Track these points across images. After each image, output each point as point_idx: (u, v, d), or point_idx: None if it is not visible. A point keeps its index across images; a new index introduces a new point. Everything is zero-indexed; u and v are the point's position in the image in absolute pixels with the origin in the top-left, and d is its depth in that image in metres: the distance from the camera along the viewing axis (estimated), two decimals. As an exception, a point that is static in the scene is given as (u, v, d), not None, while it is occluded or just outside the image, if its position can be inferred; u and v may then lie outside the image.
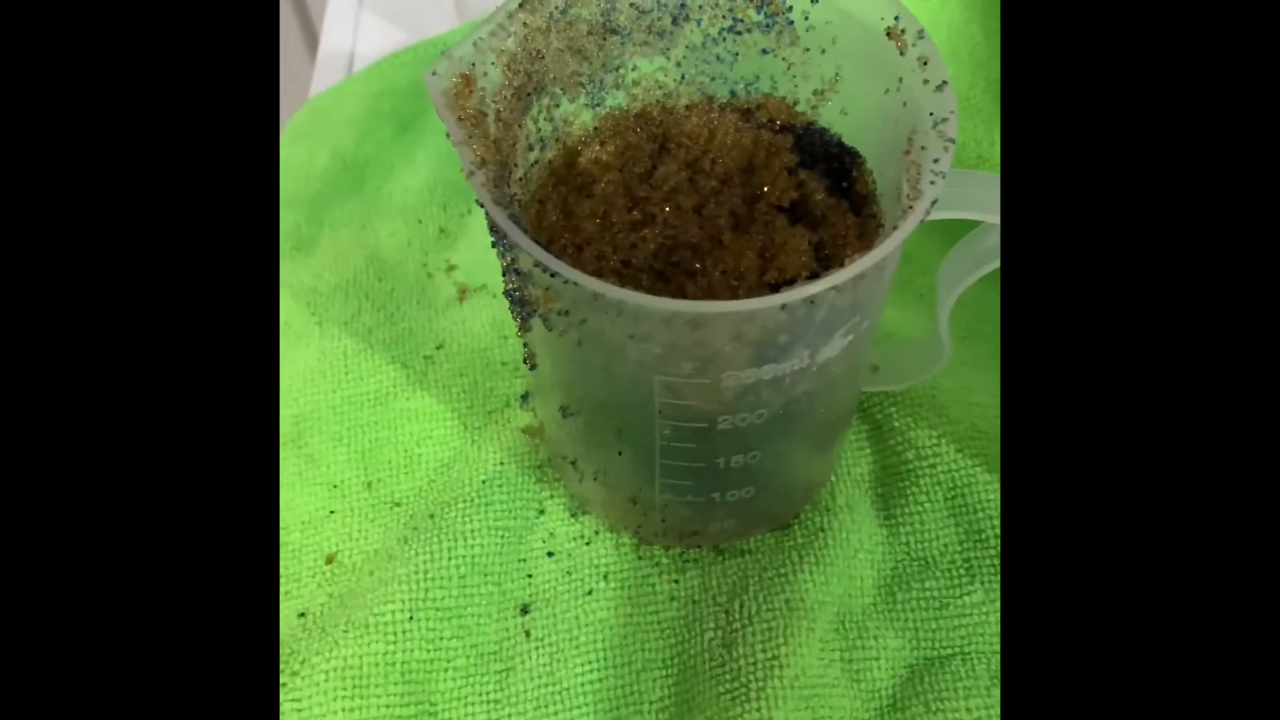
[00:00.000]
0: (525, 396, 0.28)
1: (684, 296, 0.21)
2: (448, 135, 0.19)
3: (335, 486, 0.28)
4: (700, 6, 0.23)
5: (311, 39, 0.62)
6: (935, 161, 0.19)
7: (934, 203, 0.18)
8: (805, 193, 0.23)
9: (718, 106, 0.24)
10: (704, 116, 0.24)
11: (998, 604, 0.26)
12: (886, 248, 0.18)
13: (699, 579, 0.26)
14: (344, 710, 0.24)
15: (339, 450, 0.28)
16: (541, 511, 0.27)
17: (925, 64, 0.20)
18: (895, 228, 0.19)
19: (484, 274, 0.31)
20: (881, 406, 0.28)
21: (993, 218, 0.21)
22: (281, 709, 0.24)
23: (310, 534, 0.27)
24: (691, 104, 0.25)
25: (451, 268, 0.31)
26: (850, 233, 0.23)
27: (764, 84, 0.24)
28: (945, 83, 0.20)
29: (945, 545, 0.26)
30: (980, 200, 0.21)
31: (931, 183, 0.19)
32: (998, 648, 0.25)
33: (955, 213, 0.21)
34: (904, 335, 0.30)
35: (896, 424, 0.28)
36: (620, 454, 0.23)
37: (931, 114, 0.20)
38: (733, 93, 0.25)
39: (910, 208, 0.19)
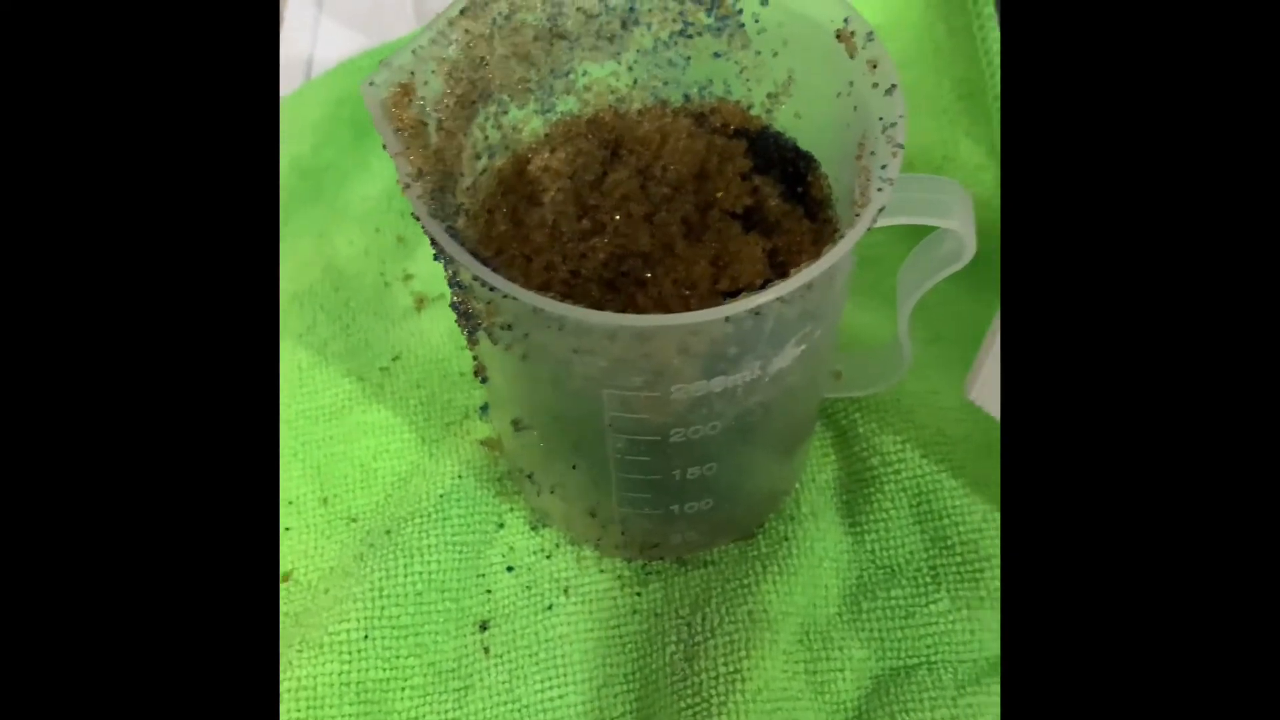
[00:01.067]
0: (484, 408, 0.28)
1: (634, 307, 0.21)
2: (383, 146, 0.19)
3: (290, 503, 0.27)
4: (649, 10, 0.23)
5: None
6: (883, 168, 0.18)
7: (881, 210, 0.18)
8: (759, 199, 0.23)
9: (671, 111, 0.24)
10: (657, 122, 0.23)
11: (964, 612, 0.25)
12: (832, 257, 0.18)
13: (661, 591, 0.26)
14: (300, 727, 0.23)
15: (294, 465, 0.27)
16: (501, 525, 0.27)
17: (875, 67, 0.20)
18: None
19: (442, 283, 0.30)
20: (846, 412, 0.28)
21: (949, 223, 0.21)
22: None
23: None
24: (644, 109, 0.24)
25: (409, 277, 0.31)
26: (805, 239, 0.22)
27: (717, 88, 0.24)
28: (894, 86, 0.19)
29: (911, 553, 0.26)
30: (936, 206, 0.21)
31: (879, 189, 0.18)
32: (964, 657, 0.25)
33: (911, 218, 0.20)
34: (871, 340, 0.29)
35: (861, 430, 0.27)
36: (575, 467, 0.23)
37: (881, 119, 0.19)
38: (686, 97, 0.24)
39: (858, 215, 0.18)
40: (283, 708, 0.24)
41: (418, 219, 0.18)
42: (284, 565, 0.26)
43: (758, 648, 0.24)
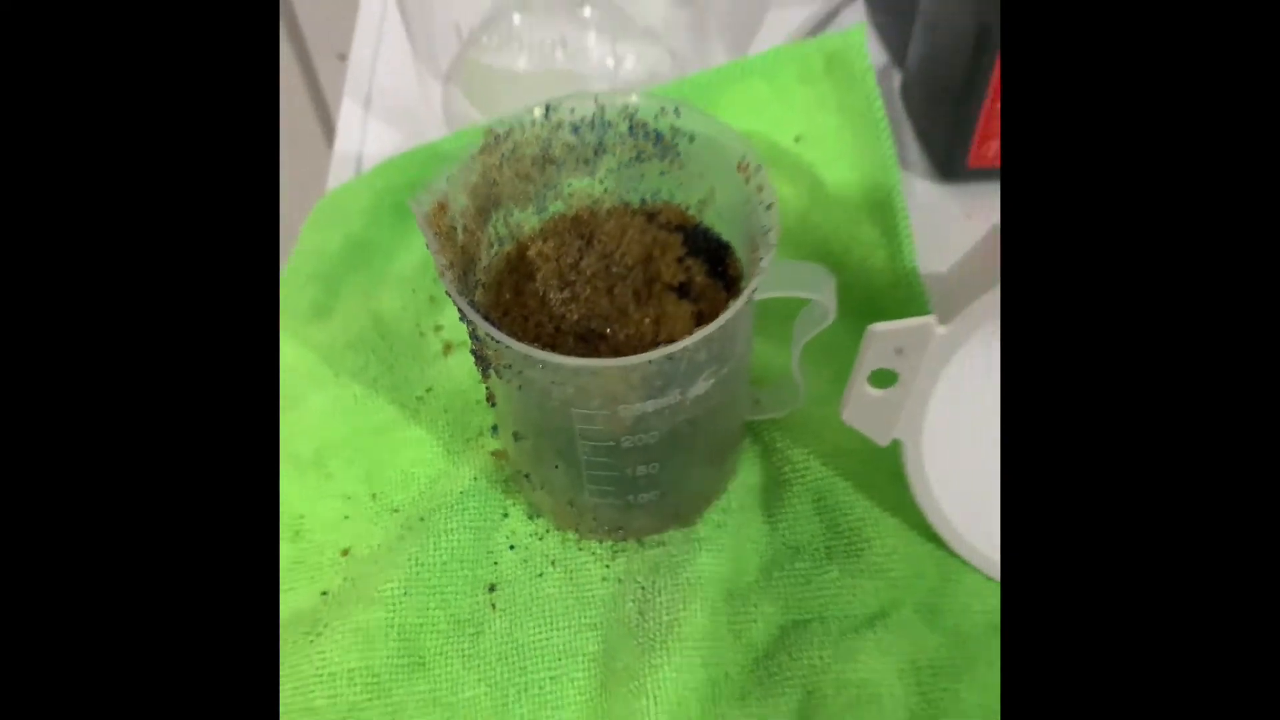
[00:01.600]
0: (494, 427, 0.37)
1: (597, 354, 0.30)
2: (426, 245, 0.28)
3: (349, 498, 0.36)
4: (614, 143, 0.32)
5: (330, 143, 0.71)
6: (761, 261, 0.27)
7: (754, 291, 0.27)
8: (689, 276, 0.32)
9: (629, 211, 0.33)
10: (619, 219, 0.33)
11: (849, 580, 0.34)
12: (719, 321, 0.26)
13: (624, 564, 0.34)
14: (356, 661, 0.32)
15: (351, 470, 0.36)
16: (505, 515, 0.35)
17: (760, 189, 0.29)
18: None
19: (464, 334, 0.39)
20: (768, 430, 0.37)
21: (816, 296, 0.29)
22: (310, 661, 0.32)
23: (330, 533, 0.35)
24: (611, 209, 0.33)
25: (439, 328, 0.40)
26: (721, 305, 0.31)
27: (664, 194, 0.33)
28: (772, 204, 0.28)
29: (811, 536, 0.35)
30: (808, 284, 0.30)
31: (757, 275, 0.27)
32: (847, 613, 0.33)
33: (787, 293, 0.29)
34: (784, 375, 0.38)
35: (779, 445, 0.36)
36: (557, 468, 0.32)
37: (763, 225, 0.28)
38: (641, 200, 0.33)
39: (740, 290, 0.27)
40: (345, 644, 0.32)
41: (447, 288, 0.27)
42: (344, 543, 0.35)
43: (692, 605, 0.33)
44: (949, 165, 0.44)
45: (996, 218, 0.29)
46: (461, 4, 0.48)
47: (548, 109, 0.31)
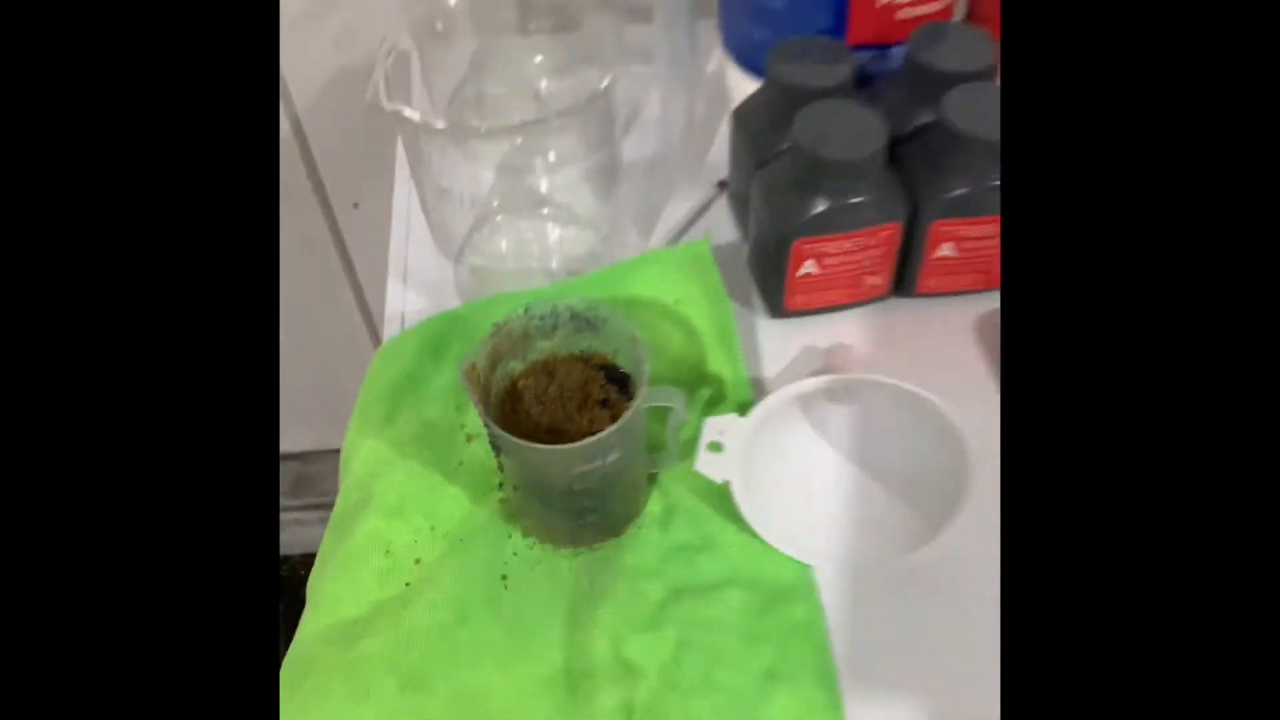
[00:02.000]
0: (501, 484, 0.62)
1: (559, 443, 0.55)
2: (463, 388, 0.53)
3: (417, 529, 0.61)
4: (564, 324, 0.58)
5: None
6: (640, 388, 0.53)
7: (639, 405, 0.53)
8: (607, 395, 0.57)
9: (574, 359, 0.59)
10: (567, 365, 0.58)
11: (709, 563, 0.58)
12: (615, 427, 0.52)
13: (582, 560, 0.59)
14: (427, 618, 0.56)
15: (418, 513, 0.61)
16: (510, 536, 0.60)
17: (639, 348, 0.55)
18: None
19: (480, 427, 0.65)
20: (662, 477, 0.62)
21: (673, 404, 0.55)
22: (403, 618, 0.56)
23: (408, 551, 0.60)
24: (563, 359, 0.59)
25: (464, 426, 0.65)
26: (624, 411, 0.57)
27: (592, 349, 0.59)
28: (645, 359, 0.54)
29: (687, 539, 0.59)
30: (668, 398, 0.55)
31: (636, 396, 0.53)
32: (707, 582, 0.58)
33: (659, 404, 0.55)
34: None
35: (667, 485, 0.61)
36: (539, 505, 0.57)
37: (644, 369, 0.54)
38: (580, 352, 0.59)
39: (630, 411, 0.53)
40: (421, 608, 0.57)
41: (474, 406, 0.53)
42: (417, 555, 0.60)
43: (619, 581, 0.58)
44: (775, 308, 0.70)
45: (810, 341, 0.55)
46: (461, 215, 0.74)
47: (527, 309, 0.57)
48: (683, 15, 0.74)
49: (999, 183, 0.65)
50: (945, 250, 0.69)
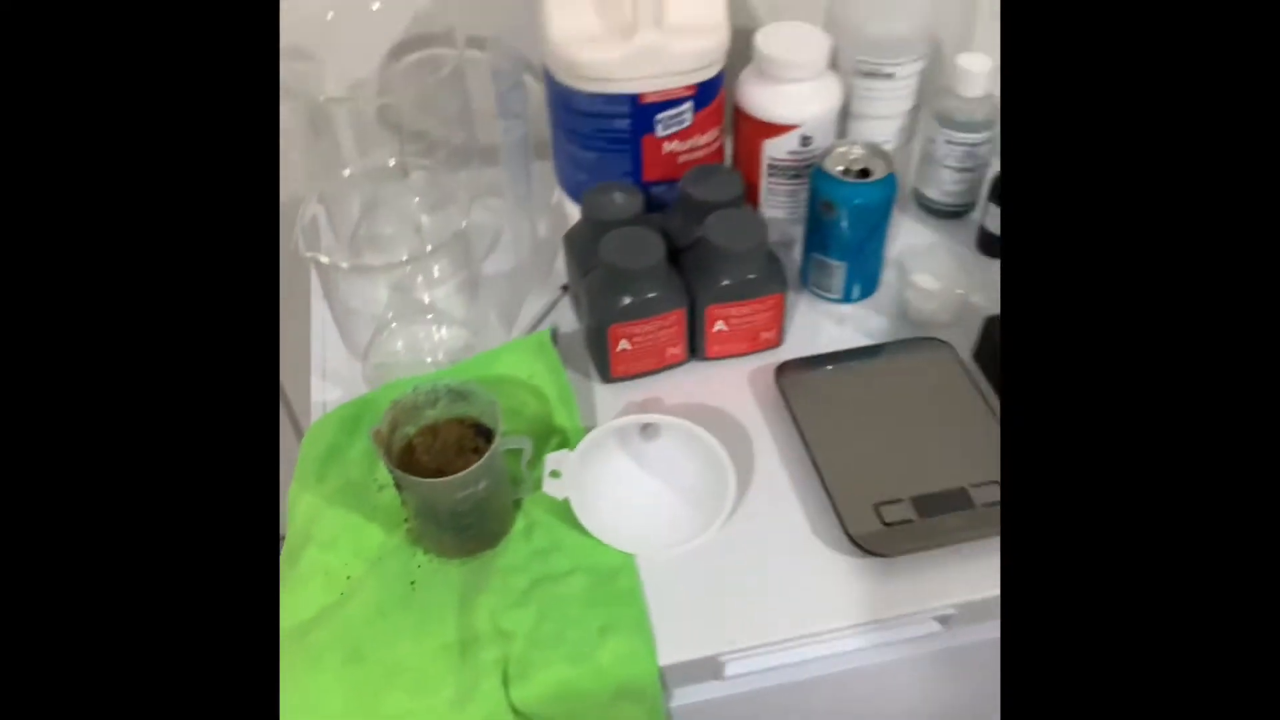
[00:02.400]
0: (406, 518, 0.85)
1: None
2: (374, 449, 0.77)
3: (346, 556, 0.83)
4: (443, 397, 0.82)
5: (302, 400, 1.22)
6: (498, 437, 0.78)
7: (497, 448, 0.77)
8: (477, 445, 0.81)
9: (452, 421, 0.83)
10: (447, 426, 0.82)
11: (561, 559, 0.82)
12: (475, 466, 0.76)
13: (471, 565, 0.82)
14: (360, 610, 0.79)
15: (346, 545, 0.83)
16: (415, 554, 0.83)
17: (496, 411, 0.79)
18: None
19: (389, 480, 0.87)
20: (526, 501, 0.86)
21: (523, 446, 0.80)
22: (335, 614, 0.78)
23: (341, 570, 0.82)
24: (445, 421, 0.83)
25: (376, 479, 0.88)
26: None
27: (466, 412, 0.83)
28: (499, 427, 0.79)
29: (545, 543, 0.83)
30: (519, 444, 0.80)
31: (496, 443, 0.77)
32: (558, 572, 0.82)
33: (512, 447, 0.79)
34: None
35: (530, 508, 0.85)
36: (433, 527, 0.80)
37: (499, 425, 0.79)
38: (457, 416, 0.83)
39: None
40: (353, 607, 0.79)
41: (383, 462, 0.76)
42: (347, 573, 0.82)
43: (494, 578, 0.81)
44: (605, 376, 0.96)
45: (632, 398, 0.81)
46: (364, 326, 0.98)
47: (415, 388, 0.81)
48: (520, 164, 1.01)
49: (751, 278, 0.93)
50: (720, 326, 0.96)
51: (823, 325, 1.03)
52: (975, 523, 0.82)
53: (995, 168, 1.07)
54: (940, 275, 1.03)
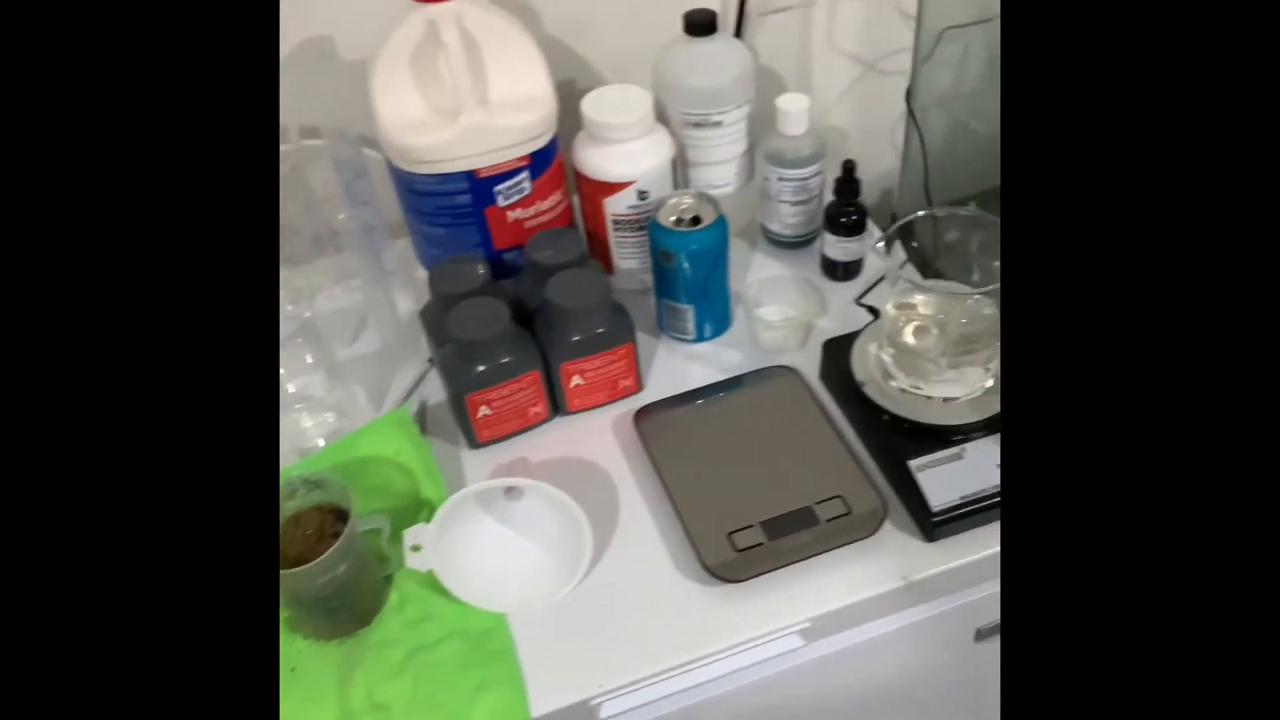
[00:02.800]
0: (283, 608, 0.88)
1: (304, 564, 0.82)
2: (236, 544, 0.80)
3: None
4: (304, 488, 0.85)
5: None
6: (352, 518, 0.81)
7: (354, 528, 0.80)
8: (337, 529, 0.85)
9: (311, 509, 0.86)
10: (310, 512, 0.86)
11: (433, 627, 0.86)
12: (328, 553, 0.80)
13: (347, 645, 0.85)
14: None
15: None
16: (294, 640, 0.86)
17: (349, 493, 0.83)
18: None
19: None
20: (401, 575, 0.89)
21: (380, 526, 0.83)
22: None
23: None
24: (306, 510, 0.86)
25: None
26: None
27: (324, 499, 0.87)
28: (350, 511, 0.82)
29: (418, 614, 0.86)
30: (375, 523, 0.84)
31: (351, 523, 0.81)
32: (435, 639, 0.85)
33: (370, 526, 0.83)
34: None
35: (402, 583, 0.89)
36: (306, 612, 0.83)
37: (353, 509, 0.82)
38: (316, 504, 0.87)
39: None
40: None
41: None
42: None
43: (369, 653, 0.84)
44: (471, 442, 1.00)
45: (499, 460, 0.85)
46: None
47: (286, 483, 0.84)
48: (367, 248, 1.05)
49: (600, 331, 0.97)
50: (577, 380, 1.00)
51: (681, 366, 1.08)
52: (821, 538, 0.86)
53: (828, 198, 1.13)
54: (786, 304, 1.09)
